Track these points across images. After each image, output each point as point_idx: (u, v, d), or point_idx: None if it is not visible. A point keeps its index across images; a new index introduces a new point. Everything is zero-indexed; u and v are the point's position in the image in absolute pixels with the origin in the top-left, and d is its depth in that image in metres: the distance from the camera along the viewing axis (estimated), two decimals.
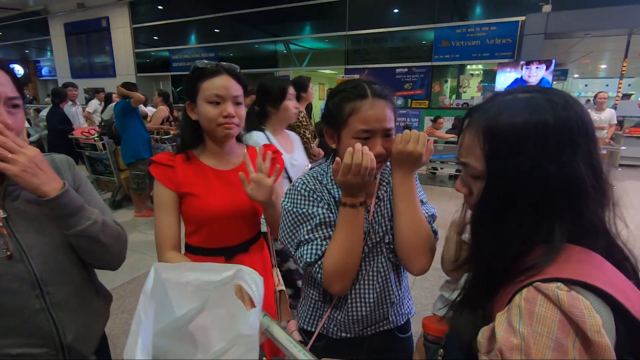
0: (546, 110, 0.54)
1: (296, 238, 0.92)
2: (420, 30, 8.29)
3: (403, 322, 1.05)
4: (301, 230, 0.91)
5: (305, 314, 1.06)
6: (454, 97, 8.86)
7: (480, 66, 8.84)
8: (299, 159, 1.94)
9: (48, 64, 14.09)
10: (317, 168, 1.03)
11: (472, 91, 8.91)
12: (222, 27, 10.72)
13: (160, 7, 11.29)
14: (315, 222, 0.90)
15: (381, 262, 0.97)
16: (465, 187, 0.63)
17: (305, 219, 0.91)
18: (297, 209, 0.92)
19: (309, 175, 0.99)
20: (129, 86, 4.19)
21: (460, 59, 7.98)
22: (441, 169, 6.94)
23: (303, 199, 0.93)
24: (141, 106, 4.42)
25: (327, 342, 1.01)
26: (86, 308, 0.88)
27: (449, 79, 8.95)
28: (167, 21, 11.17)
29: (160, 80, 11.84)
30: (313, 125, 3.17)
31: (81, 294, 0.87)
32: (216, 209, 1.10)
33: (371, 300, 0.96)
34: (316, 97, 2.79)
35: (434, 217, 1.00)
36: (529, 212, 0.54)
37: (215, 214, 1.11)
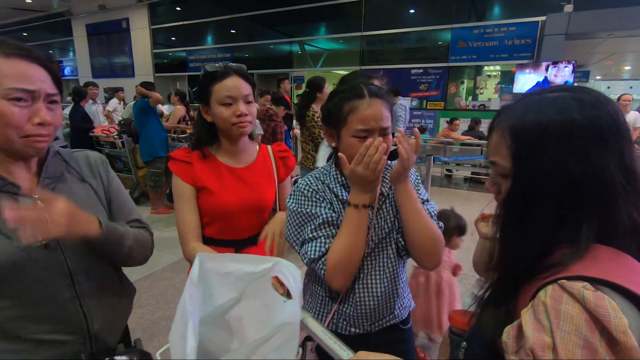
0: (573, 109, 0.53)
1: (301, 236, 0.97)
2: (437, 31, 8.22)
3: (406, 316, 1.10)
4: (306, 229, 0.96)
5: (313, 310, 1.08)
6: (470, 98, 8.74)
7: (497, 67, 8.69)
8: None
9: (70, 64, 14.53)
10: (320, 168, 1.07)
11: (489, 93, 8.76)
12: (238, 28, 10.85)
13: (178, 8, 11.50)
14: (318, 222, 0.95)
15: (387, 256, 1.01)
16: (495, 186, 0.64)
17: (309, 218, 0.96)
18: (301, 209, 0.97)
19: (312, 175, 1.04)
20: (147, 86, 4.30)
21: (478, 60, 7.87)
22: (456, 171, 6.85)
23: (306, 199, 0.98)
24: (158, 105, 4.51)
25: None
26: (112, 299, 0.91)
27: (465, 80, 8.84)
28: (185, 22, 11.38)
29: (177, 80, 12.06)
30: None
31: (107, 285, 0.91)
32: (229, 204, 1.16)
33: (378, 292, 1.00)
34: None
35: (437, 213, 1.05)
36: (553, 210, 0.54)
37: (228, 209, 1.16)
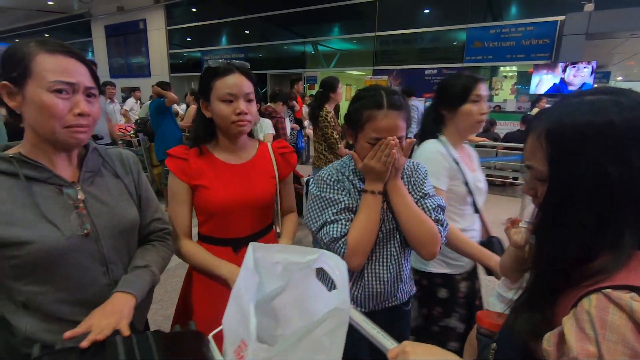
0: (611, 111, 0.51)
1: (321, 219, 1.06)
2: (452, 31, 8.12)
3: (406, 299, 1.20)
4: (327, 212, 1.05)
5: None
6: None
7: (514, 68, 8.53)
8: (482, 180, 1.47)
9: None
10: (339, 161, 1.16)
11: (505, 94, 8.61)
12: (252, 28, 10.94)
13: (193, 10, 11.67)
14: (340, 207, 1.05)
15: (394, 246, 1.11)
16: (532, 190, 0.63)
17: (331, 203, 1.06)
18: (324, 194, 1.07)
19: (332, 167, 1.13)
20: (164, 86, 4.36)
21: (494, 60, 7.75)
22: None
23: (329, 187, 1.08)
24: (174, 105, 4.58)
25: None
26: None
27: None
28: (200, 23, 11.53)
29: (193, 80, 12.22)
30: (340, 126, 3.16)
31: None
32: (225, 201, 1.14)
33: (385, 278, 1.10)
34: (343, 98, 2.83)
35: (441, 207, 1.10)
36: (590, 214, 0.52)
37: (224, 205, 1.14)
